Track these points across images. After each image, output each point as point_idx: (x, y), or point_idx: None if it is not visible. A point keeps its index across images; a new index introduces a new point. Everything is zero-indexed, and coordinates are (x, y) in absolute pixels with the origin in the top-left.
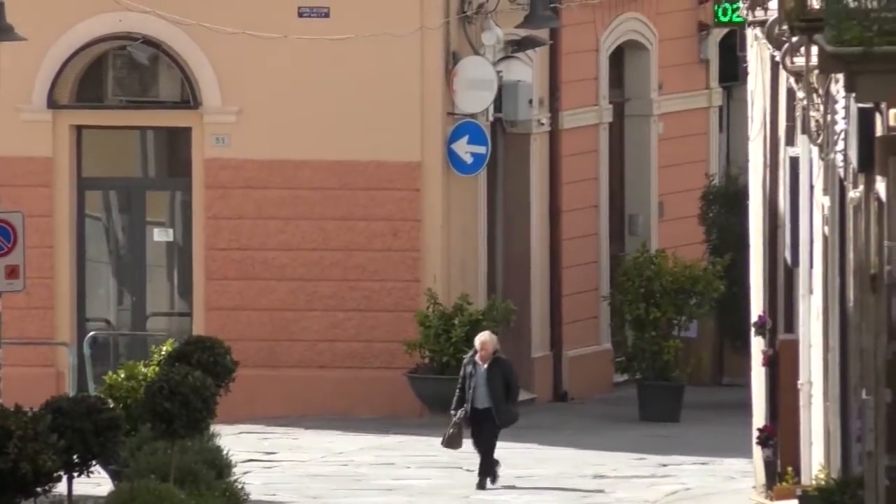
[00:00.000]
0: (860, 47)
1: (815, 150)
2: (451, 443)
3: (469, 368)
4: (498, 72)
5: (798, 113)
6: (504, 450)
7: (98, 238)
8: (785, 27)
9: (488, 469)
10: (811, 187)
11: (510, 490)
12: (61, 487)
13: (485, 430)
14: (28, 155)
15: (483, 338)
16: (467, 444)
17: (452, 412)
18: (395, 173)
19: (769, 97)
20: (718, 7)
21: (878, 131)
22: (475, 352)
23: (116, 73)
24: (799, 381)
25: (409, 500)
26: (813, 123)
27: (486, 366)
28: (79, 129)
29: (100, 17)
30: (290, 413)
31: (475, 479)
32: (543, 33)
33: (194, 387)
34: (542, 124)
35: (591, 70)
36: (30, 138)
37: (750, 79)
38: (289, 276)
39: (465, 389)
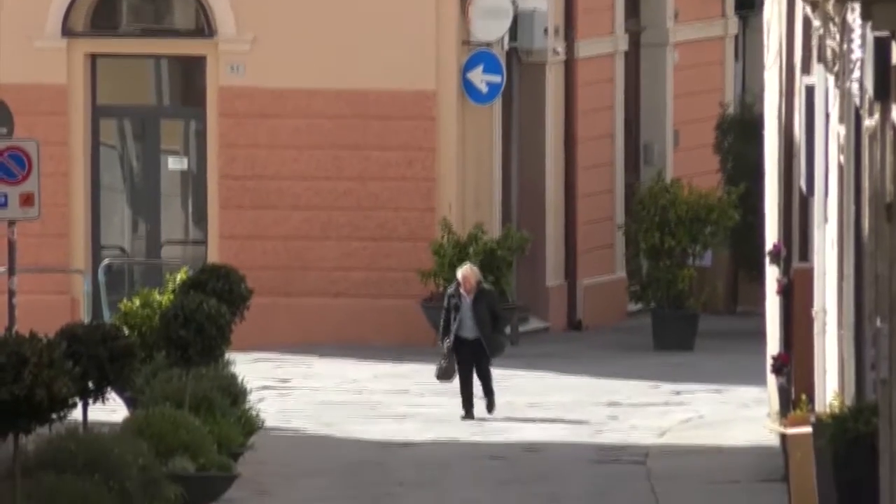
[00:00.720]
0: None
1: (831, 78)
2: (445, 374)
3: (454, 301)
4: (513, 0)
5: (814, 42)
6: (519, 378)
7: (112, 166)
8: None
9: (488, 389)
10: (827, 116)
11: (527, 422)
12: (76, 414)
13: (477, 361)
14: (42, 83)
15: (465, 271)
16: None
17: (440, 343)
18: (410, 102)
19: (785, 26)
20: None
21: (895, 60)
22: (458, 284)
23: (131, 0)
24: (813, 310)
25: (422, 427)
26: (829, 52)
27: (471, 298)
28: (93, 57)
29: None
30: (305, 341)
31: (479, 409)
32: None
33: (209, 314)
34: (558, 53)
35: (609, 12)
36: (44, 66)
37: (766, 7)
38: (303, 205)
39: (450, 321)
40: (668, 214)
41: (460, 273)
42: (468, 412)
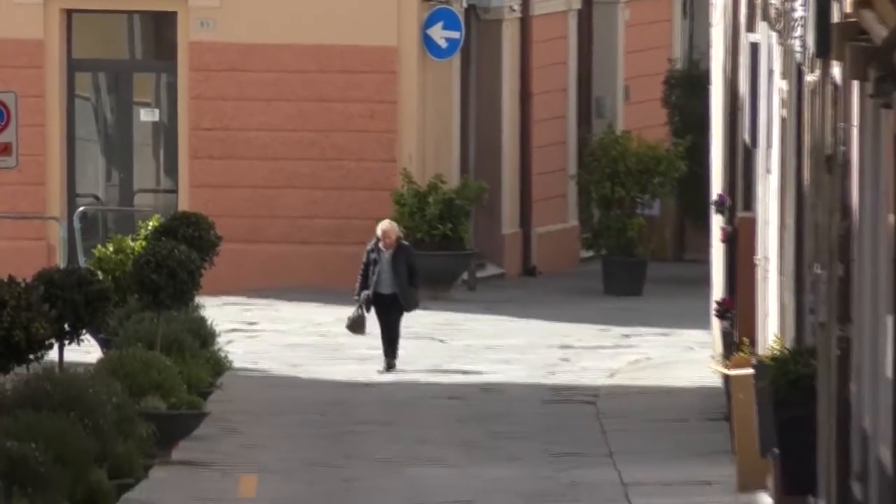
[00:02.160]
0: None
1: (775, 36)
2: (355, 327)
3: (373, 255)
4: None
5: (758, 0)
6: (475, 321)
7: (87, 118)
8: None
9: (394, 351)
10: (770, 72)
11: (479, 365)
12: (53, 355)
13: (390, 314)
14: (20, 37)
15: (384, 226)
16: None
17: (355, 297)
18: (373, 57)
19: None
20: None
21: (835, 18)
22: (378, 240)
23: None
24: (756, 257)
25: (384, 369)
26: (773, 10)
27: (390, 253)
28: (69, 12)
29: None
30: (271, 286)
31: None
32: None
33: (180, 260)
34: (514, 11)
35: None
36: (22, 21)
37: None
38: (270, 156)
39: (368, 276)
40: (618, 166)
41: (380, 228)
42: (389, 362)
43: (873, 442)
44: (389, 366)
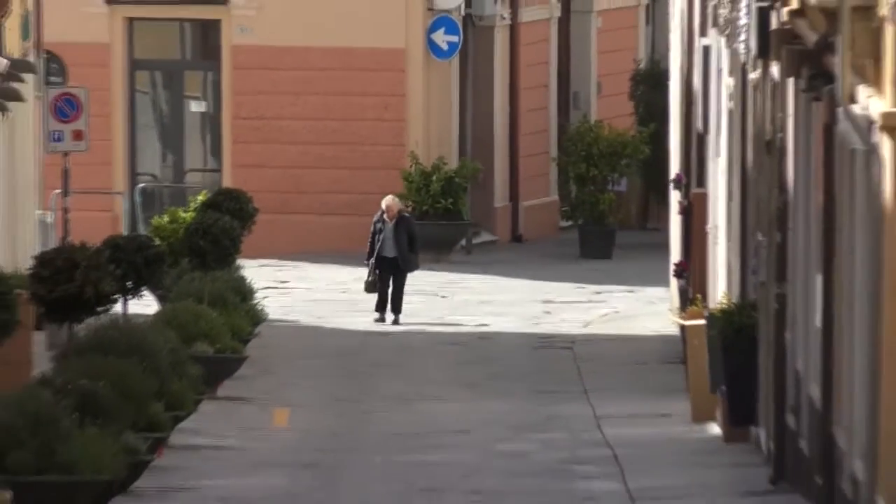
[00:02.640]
0: None
1: (723, 40)
2: (371, 288)
3: (379, 226)
4: None
5: (709, 10)
6: (472, 280)
7: (145, 109)
8: None
9: (396, 305)
10: (719, 70)
11: (476, 317)
12: (118, 308)
13: (393, 274)
14: (90, 41)
15: (388, 201)
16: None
17: (366, 262)
18: (385, 57)
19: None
20: None
21: (773, 25)
22: (382, 212)
23: None
24: (707, 226)
25: (386, 320)
26: (721, 18)
27: (392, 223)
28: (130, 20)
29: None
30: (300, 251)
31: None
32: None
33: (223, 228)
34: (504, 18)
35: None
36: (91, 28)
37: None
38: (298, 141)
39: (375, 243)
40: (591, 149)
41: (384, 203)
42: (381, 315)
43: (805, 381)
44: (395, 320)
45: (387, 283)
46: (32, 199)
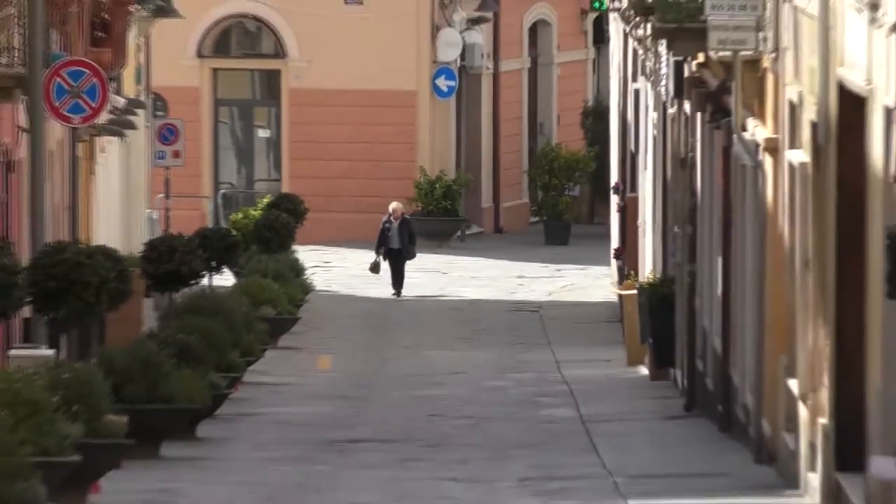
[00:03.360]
0: (675, 24)
1: (649, 84)
2: (374, 269)
3: (387, 225)
4: (462, 36)
5: (639, 63)
6: (465, 261)
7: (225, 135)
8: (632, 12)
9: (399, 283)
10: (646, 107)
11: (467, 288)
12: (205, 281)
13: (398, 261)
14: (185, 85)
15: (394, 205)
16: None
17: (376, 252)
18: (401, 97)
19: (622, 53)
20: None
21: (686, 74)
22: (389, 214)
23: (237, 36)
24: (638, 221)
25: (409, 291)
26: (648, 69)
27: (397, 223)
28: (215, 70)
29: (227, 4)
30: (338, 239)
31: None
32: (490, 13)
33: (282, 223)
34: (489, 69)
35: (518, 36)
36: (186, 75)
37: (611, 42)
38: (337, 158)
39: (383, 237)
40: (553, 164)
41: (391, 207)
42: (397, 291)
43: (709, 335)
44: (398, 294)
45: (394, 267)
46: (142, 201)
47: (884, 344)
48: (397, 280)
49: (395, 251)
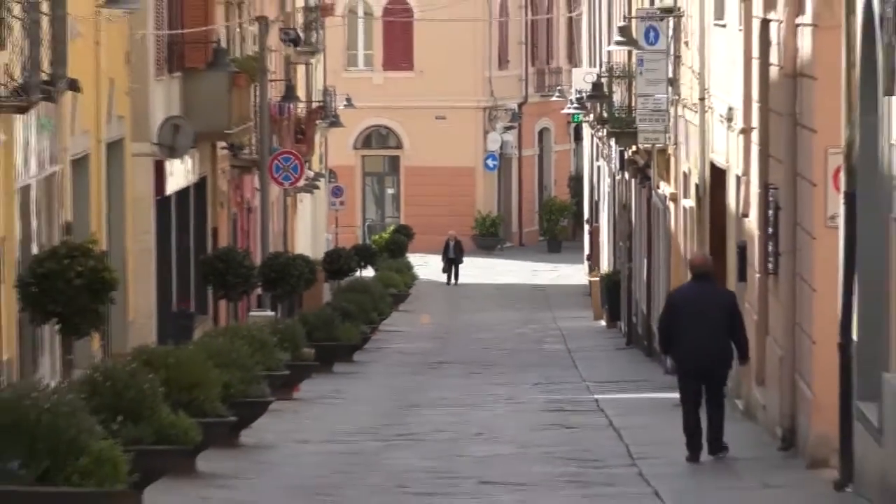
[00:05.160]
0: (619, 129)
1: (605, 163)
2: (444, 269)
3: (449, 243)
4: (501, 136)
5: (600, 151)
6: (502, 263)
7: (369, 192)
8: (596, 122)
9: (455, 276)
10: (604, 175)
11: (502, 277)
12: (357, 274)
13: (454, 266)
14: (347, 164)
15: (451, 232)
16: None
17: (442, 259)
18: (463, 171)
19: (591, 145)
20: (574, 115)
21: (626, 157)
22: (449, 238)
23: (375, 136)
24: (600, 239)
25: (466, 280)
26: (604, 154)
27: (453, 243)
28: (363, 156)
29: (370, 119)
30: (430, 250)
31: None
32: (516, 124)
33: (399, 242)
34: (515, 154)
35: (532, 136)
36: (347, 159)
37: (584, 139)
38: (430, 204)
39: (446, 250)
40: (551, 207)
41: (449, 233)
42: (454, 282)
43: (638, 304)
44: (454, 283)
45: (453, 269)
46: (323, 229)
47: None
48: (455, 274)
49: (452, 260)
